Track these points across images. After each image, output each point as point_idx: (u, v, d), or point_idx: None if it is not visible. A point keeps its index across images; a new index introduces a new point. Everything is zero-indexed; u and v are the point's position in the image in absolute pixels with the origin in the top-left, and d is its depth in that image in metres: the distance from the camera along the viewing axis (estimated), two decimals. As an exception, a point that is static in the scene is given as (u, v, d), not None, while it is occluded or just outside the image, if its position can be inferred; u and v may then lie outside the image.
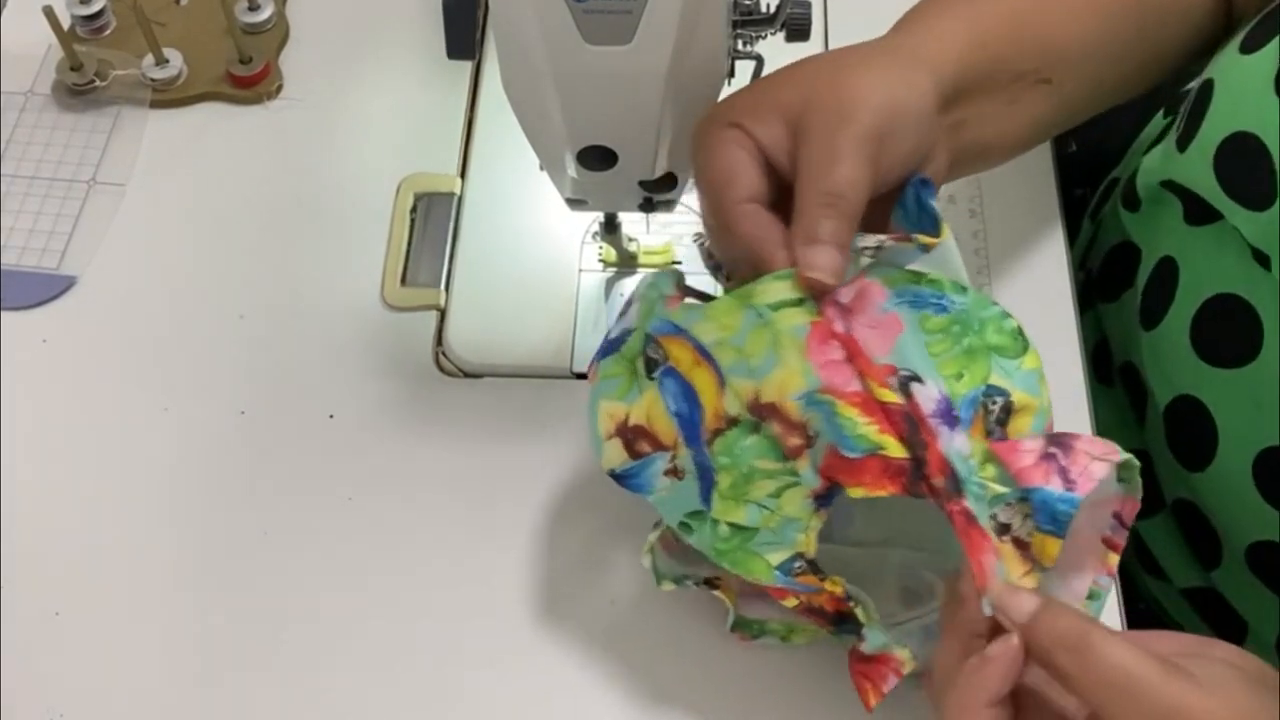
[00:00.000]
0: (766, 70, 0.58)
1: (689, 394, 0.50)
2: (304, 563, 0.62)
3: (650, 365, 0.52)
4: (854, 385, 0.48)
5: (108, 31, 0.80)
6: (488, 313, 0.70)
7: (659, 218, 0.71)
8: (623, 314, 0.55)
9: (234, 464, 0.65)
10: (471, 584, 0.62)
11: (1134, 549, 0.67)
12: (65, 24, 0.77)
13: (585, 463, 0.65)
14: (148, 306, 0.70)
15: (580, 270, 0.71)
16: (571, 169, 0.56)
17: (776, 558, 0.50)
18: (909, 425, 0.47)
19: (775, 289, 0.49)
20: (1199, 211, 0.58)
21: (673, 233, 0.71)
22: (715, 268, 0.56)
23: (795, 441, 0.48)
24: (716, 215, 0.51)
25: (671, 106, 0.53)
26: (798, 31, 0.56)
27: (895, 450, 0.47)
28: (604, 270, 0.71)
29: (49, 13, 0.74)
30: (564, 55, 0.50)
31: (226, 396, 0.67)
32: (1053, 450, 0.46)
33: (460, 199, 0.74)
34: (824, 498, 0.49)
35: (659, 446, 0.52)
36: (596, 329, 0.69)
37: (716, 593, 0.56)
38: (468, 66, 0.78)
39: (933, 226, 0.50)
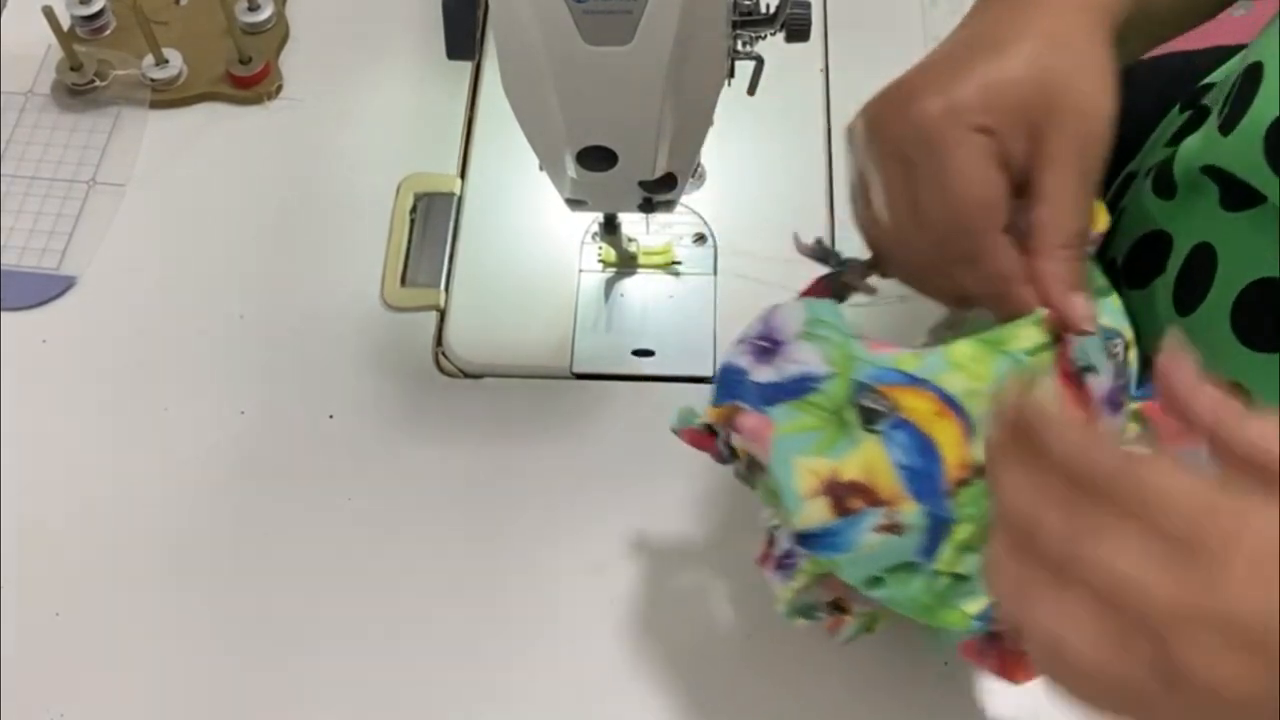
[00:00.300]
0: (767, 70, 0.58)
1: (925, 447, 0.47)
2: (304, 563, 0.62)
3: (870, 416, 0.47)
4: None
5: (108, 31, 0.80)
6: (488, 313, 0.70)
7: (659, 218, 0.71)
8: (769, 352, 0.50)
9: (234, 464, 0.65)
10: (471, 584, 0.62)
11: None
12: (65, 24, 0.77)
13: (585, 463, 0.65)
14: (148, 306, 0.70)
15: (580, 270, 0.71)
16: (571, 169, 0.56)
17: (975, 607, 0.48)
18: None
19: (1029, 334, 0.46)
20: (1239, 196, 0.57)
21: (673, 233, 0.72)
22: (828, 257, 0.53)
23: None
24: (961, 240, 0.46)
25: (671, 106, 0.53)
26: (798, 32, 0.56)
27: None
28: (604, 270, 0.71)
29: (49, 13, 0.74)
30: (564, 55, 0.50)
31: (226, 396, 0.67)
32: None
33: (460, 199, 0.74)
34: None
35: (875, 502, 0.47)
36: (596, 329, 0.69)
37: (846, 615, 0.53)
38: (468, 66, 0.78)
39: None
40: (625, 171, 0.56)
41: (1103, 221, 0.50)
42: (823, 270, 0.56)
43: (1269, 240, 0.54)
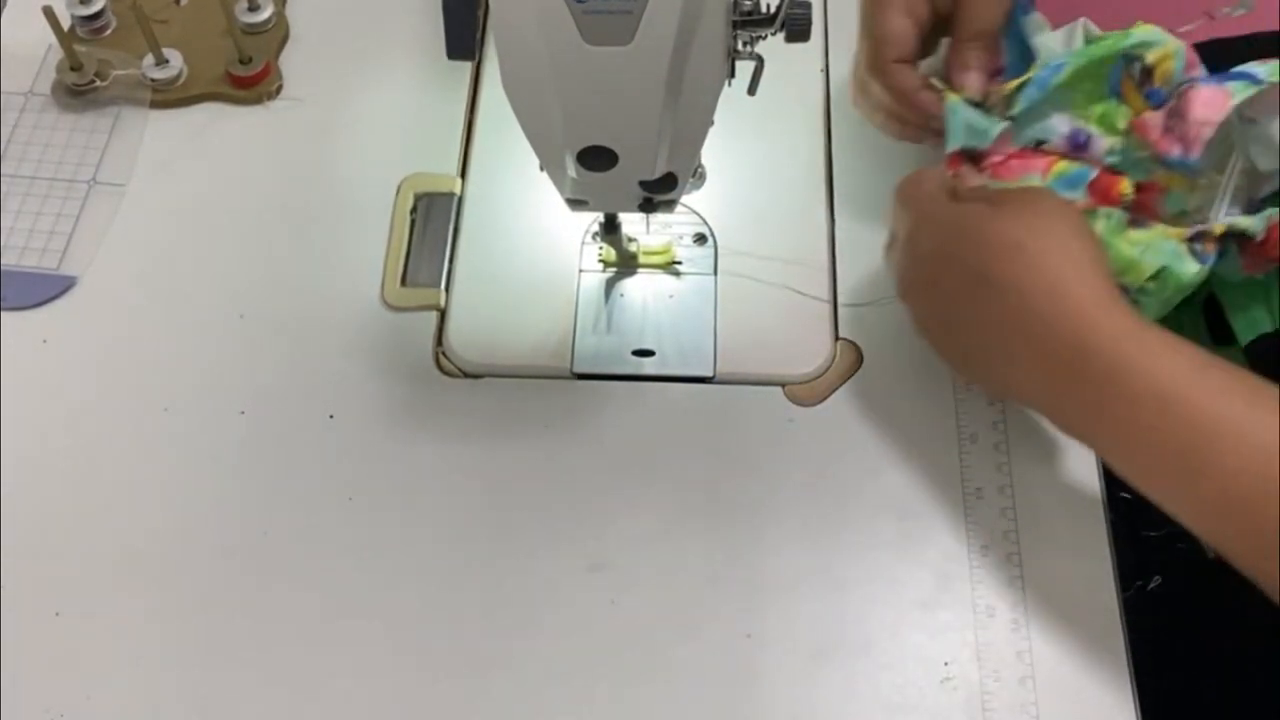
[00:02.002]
0: (767, 70, 0.58)
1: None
2: (304, 563, 0.62)
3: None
4: None
5: (108, 31, 0.80)
6: (488, 313, 0.70)
7: (659, 218, 0.71)
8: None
9: (234, 464, 0.65)
10: (471, 584, 0.62)
11: None
12: (65, 24, 0.77)
13: (585, 463, 0.65)
14: (148, 306, 0.70)
15: (580, 270, 0.71)
16: (571, 169, 0.56)
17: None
18: None
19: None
20: None
21: (673, 233, 0.71)
22: None
23: None
24: (871, 69, 0.66)
25: (671, 106, 0.53)
26: (798, 32, 0.56)
27: None
28: (604, 270, 0.71)
29: (49, 13, 0.74)
30: (564, 55, 0.50)
31: (226, 396, 0.67)
32: (1171, 122, 0.58)
33: (460, 199, 0.74)
34: None
35: None
36: (596, 329, 0.69)
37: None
38: (468, 66, 0.78)
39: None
40: (625, 171, 0.56)
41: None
42: None
43: None
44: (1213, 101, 0.58)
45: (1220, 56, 0.67)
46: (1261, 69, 0.59)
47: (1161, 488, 0.54)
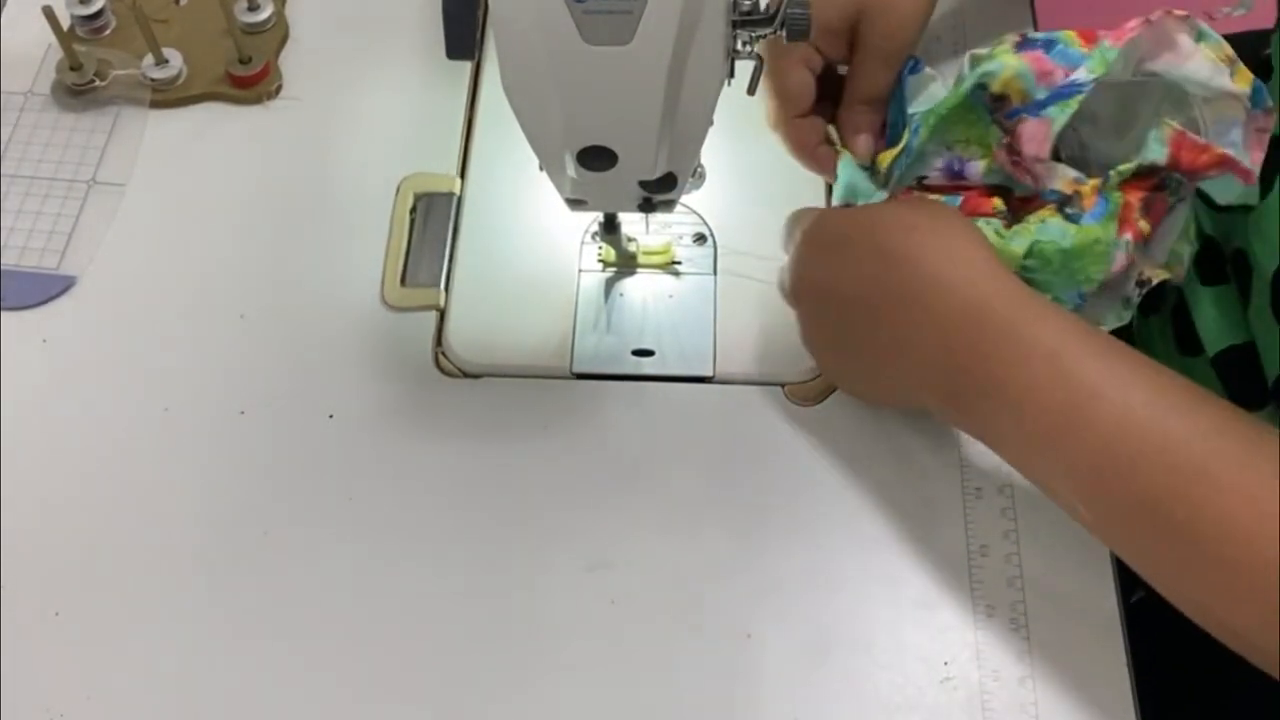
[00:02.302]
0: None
1: None
2: (304, 563, 0.62)
3: None
4: None
5: (107, 31, 0.80)
6: (488, 313, 0.70)
7: (659, 218, 0.71)
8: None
9: (234, 464, 0.65)
10: (471, 584, 0.62)
11: None
12: (65, 24, 0.77)
13: (585, 463, 0.65)
14: (148, 306, 0.70)
15: (580, 270, 0.71)
16: (571, 169, 0.56)
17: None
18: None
19: None
20: None
21: (673, 233, 0.71)
22: None
23: None
24: (774, 124, 0.67)
25: (671, 106, 0.53)
26: (797, 32, 0.56)
27: None
28: (604, 270, 0.71)
29: (49, 13, 0.74)
30: (564, 55, 0.50)
31: (226, 396, 0.67)
32: (1014, 157, 0.61)
33: (460, 199, 0.74)
34: None
35: None
36: (596, 329, 0.69)
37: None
38: (468, 66, 0.78)
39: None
40: (625, 171, 0.56)
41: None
42: None
43: None
44: (1035, 135, 0.60)
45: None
46: (1085, 73, 0.60)
47: (1045, 450, 0.54)
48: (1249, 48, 0.67)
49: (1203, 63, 0.59)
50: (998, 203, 0.63)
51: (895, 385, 0.60)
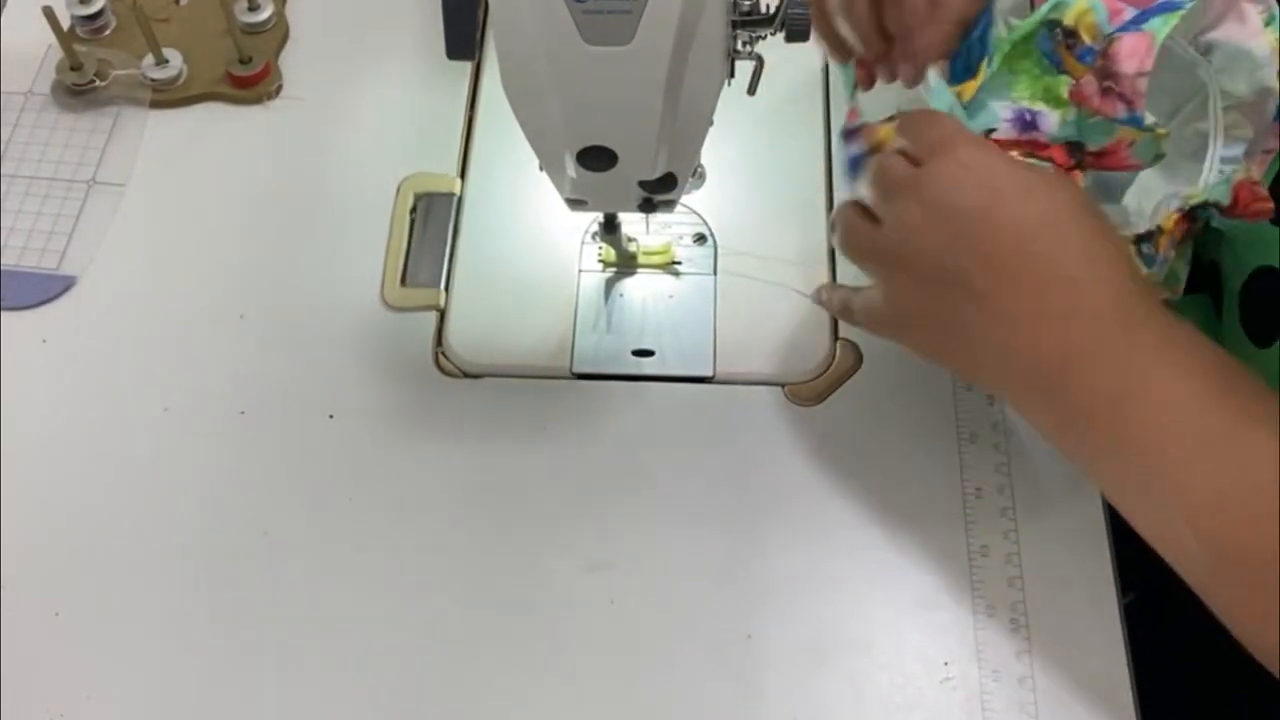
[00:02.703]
0: (767, 70, 0.58)
1: None
2: (304, 563, 0.62)
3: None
4: None
5: (107, 31, 0.80)
6: (488, 313, 0.70)
7: (659, 218, 0.71)
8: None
9: (234, 464, 0.65)
10: (471, 584, 0.62)
11: None
12: (65, 24, 0.77)
13: (585, 462, 0.65)
14: (148, 306, 0.70)
15: (580, 270, 0.71)
16: (571, 169, 0.56)
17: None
18: None
19: None
20: None
21: (673, 233, 0.72)
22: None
23: None
24: None
25: (671, 106, 0.53)
26: (797, 32, 0.56)
27: None
28: (604, 270, 0.71)
29: (49, 13, 0.74)
30: (564, 55, 0.50)
31: (226, 396, 0.67)
32: (1106, 83, 0.56)
33: (460, 199, 0.74)
34: None
35: None
36: (596, 329, 0.69)
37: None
38: (468, 66, 0.78)
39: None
40: (625, 171, 0.56)
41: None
42: None
43: None
44: (1135, 50, 0.56)
45: None
46: None
47: (1146, 481, 0.52)
48: None
49: (1264, 45, 0.57)
50: (1081, 179, 0.60)
51: (984, 362, 0.55)
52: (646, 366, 0.68)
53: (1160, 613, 0.69)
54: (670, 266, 0.71)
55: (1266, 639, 0.50)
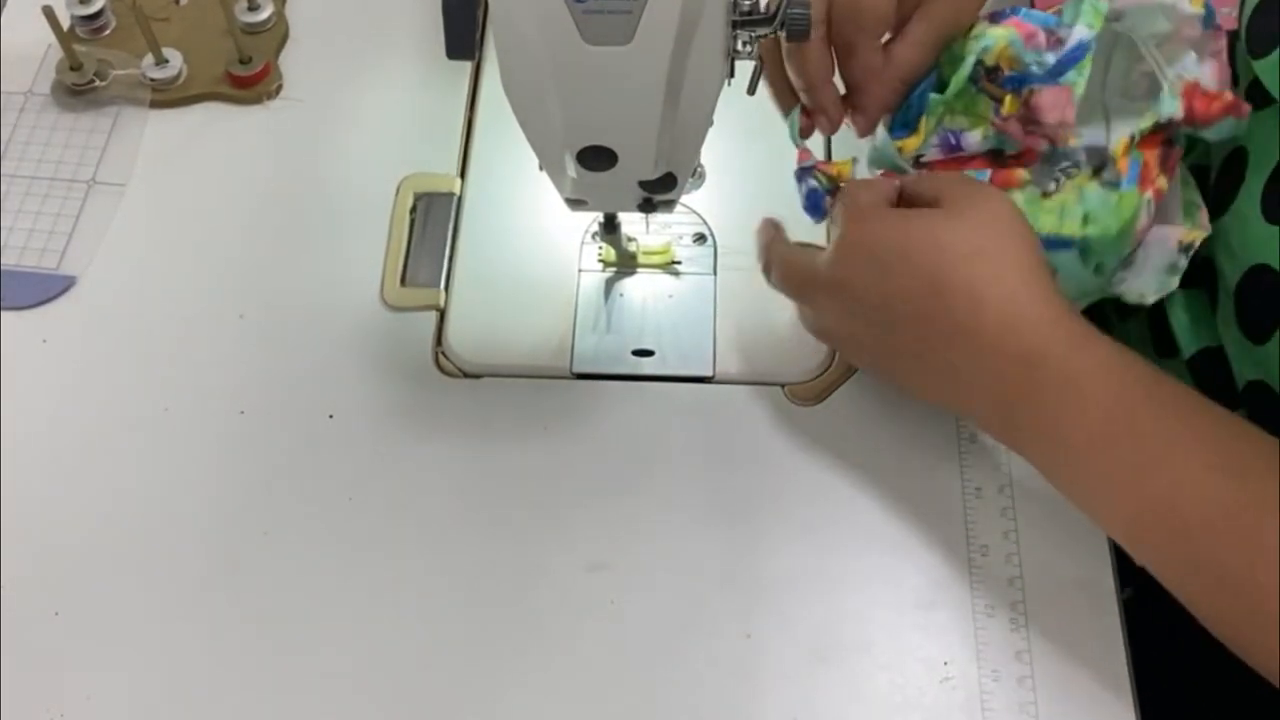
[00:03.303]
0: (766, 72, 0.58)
1: None
2: (304, 563, 0.62)
3: None
4: None
5: (107, 31, 0.80)
6: (488, 313, 0.70)
7: (659, 218, 0.71)
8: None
9: (234, 464, 0.65)
10: (471, 584, 0.62)
11: None
12: (65, 24, 0.77)
13: (586, 463, 0.65)
14: (148, 306, 0.70)
15: (580, 270, 0.71)
16: (571, 169, 0.56)
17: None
18: None
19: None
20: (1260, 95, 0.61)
21: (673, 233, 0.72)
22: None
23: None
24: (851, 31, 0.60)
25: (671, 106, 0.53)
26: (797, 32, 0.56)
27: None
28: (604, 270, 0.71)
29: (49, 13, 0.74)
30: (564, 55, 0.50)
31: (226, 396, 0.67)
32: (1030, 126, 0.60)
33: (460, 199, 0.74)
34: None
35: None
36: (596, 329, 0.69)
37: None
38: (468, 66, 0.78)
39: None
40: (625, 171, 0.56)
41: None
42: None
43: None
44: (1056, 103, 0.59)
45: None
46: (1085, 30, 0.60)
47: (1101, 497, 0.55)
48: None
49: None
50: (1023, 173, 0.62)
51: (935, 398, 0.60)
52: (646, 366, 0.68)
53: (1159, 608, 0.69)
54: (670, 266, 0.71)
55: (1197, 606, 0.54)
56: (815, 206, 0.64)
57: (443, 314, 0.70)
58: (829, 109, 0.62)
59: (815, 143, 0.66)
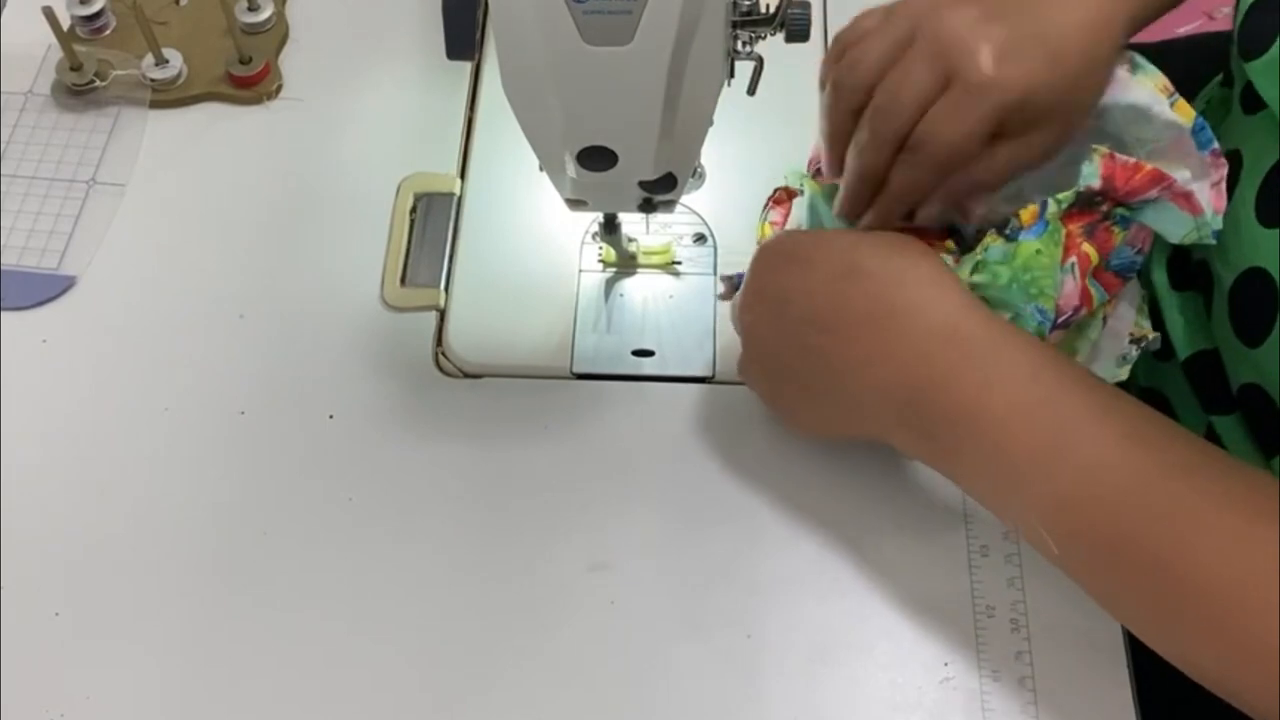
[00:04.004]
0: (767, 70, 0.58)
1: None
2: (304, 563, 0.62)
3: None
4: None
5: (108, 31, 0.80)
6: (488, 313, 0.70)
7: (659, 218, 0.71)
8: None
9: (234, 464, 0.65)
10: (471, 584, 0.62)
11: None
12: (65, 24, 0.77)
13: (585, 463, 0.65)
14: (148, 306, 0.70)
15: (580, 270, 0.71)
16: (571, 169, 0.56)
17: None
18: None
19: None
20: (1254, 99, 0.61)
21: (673, 233, 0.72)
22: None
23: None
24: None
25: (671, 106, 0.53)
26: (797, 32, 0.56)
27: None
28: (604, 270, 0.71)
29: (49, 13, 0.74)
30: (564, 55, 0.50)
31: (226, 396, 0.67)
32: None
33: (460, 199, 0.74)
34: None
35: None
36: (596, 329, 0.69)
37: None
38: (468, 66, 0.78)
39: None
40: (625, 171, 0.56)
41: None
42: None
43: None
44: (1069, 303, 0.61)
45: (1219, 52, 0.68)
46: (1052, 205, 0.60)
47: (1014, 482, 0.54)
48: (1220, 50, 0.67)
49: (1141, 92, 0.60)
50: (949, 244, 0.63)
51: (850, 412, 0.59)
52: (646, 366, 0.68)
53: None
54: (670, 266, 0.71)
55: (1123, 615, 0.55)
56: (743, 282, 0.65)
57: (443, 314, 0.70)
58: (829, 167, 0.62)
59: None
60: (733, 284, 0.66)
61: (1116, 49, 0.59)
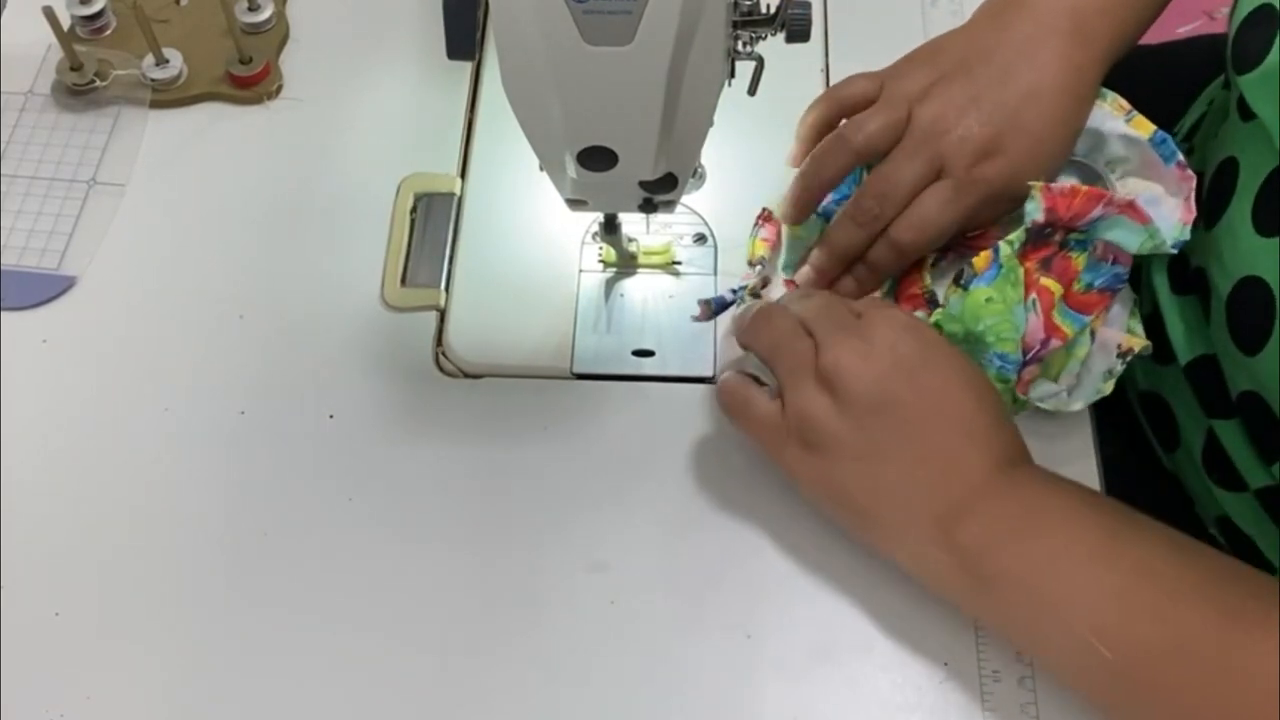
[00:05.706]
0: (767, 70, 0.58)
1: None
2: (304, 563, 0.62)
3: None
4: None
5: (108, 31, 0.80)
6: (488, 313, 0.70)
7: (659, 218, 0.71)
8: None
9: (234, 464, 0.65)
10: (471, 584, 0.62)
11: (1210, 461, 0.69)
12: (65, 24, 0.77)
13: (585, 463, 0.65)
14: (148, 306, 0.70)
15: (580, 270, 0.71)
16: (571, 169, 0.56)
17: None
18: None
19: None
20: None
21: (673, 233, 0.72)
22: (725, 306, 0.68)
23: None
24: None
25: (671, 106, 0.53)
26: (798, 32, 0.56)
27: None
28: (604, 270, 0.71)
29: (49, 13, 0.74)
30: (564, 55, 0.50)
31: (226, 396, 0.67)
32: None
33: (460, 199, 0.74)
34: None
35: None
36: (596, 329, 0.69)
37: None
38: (468, 66, 0.78)
39: None
40: (625, 171, 0.56)
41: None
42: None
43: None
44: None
45: (1219, 53, 0.68)
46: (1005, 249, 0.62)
47: (1078, 574, 0.55)
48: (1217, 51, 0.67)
49: (1096, 114, 0.64)
50: (926, 284, 0.65)
51: (885, 501, 0.59)
52: (646, 366, 0.68)
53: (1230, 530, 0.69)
54: (670, 266, 0.71)
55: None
56: (721, 306, 0.67)
57: (443, 314, 0.70)
58: (792, 210, 0.67)
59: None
60: (710, 309, 0.67)
61: (1094, 95, 0.64)
